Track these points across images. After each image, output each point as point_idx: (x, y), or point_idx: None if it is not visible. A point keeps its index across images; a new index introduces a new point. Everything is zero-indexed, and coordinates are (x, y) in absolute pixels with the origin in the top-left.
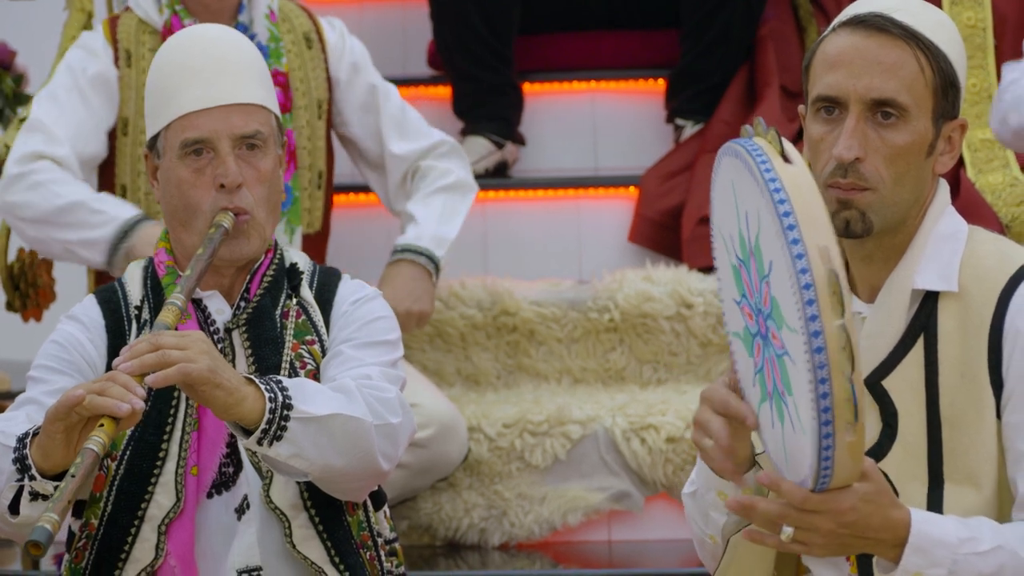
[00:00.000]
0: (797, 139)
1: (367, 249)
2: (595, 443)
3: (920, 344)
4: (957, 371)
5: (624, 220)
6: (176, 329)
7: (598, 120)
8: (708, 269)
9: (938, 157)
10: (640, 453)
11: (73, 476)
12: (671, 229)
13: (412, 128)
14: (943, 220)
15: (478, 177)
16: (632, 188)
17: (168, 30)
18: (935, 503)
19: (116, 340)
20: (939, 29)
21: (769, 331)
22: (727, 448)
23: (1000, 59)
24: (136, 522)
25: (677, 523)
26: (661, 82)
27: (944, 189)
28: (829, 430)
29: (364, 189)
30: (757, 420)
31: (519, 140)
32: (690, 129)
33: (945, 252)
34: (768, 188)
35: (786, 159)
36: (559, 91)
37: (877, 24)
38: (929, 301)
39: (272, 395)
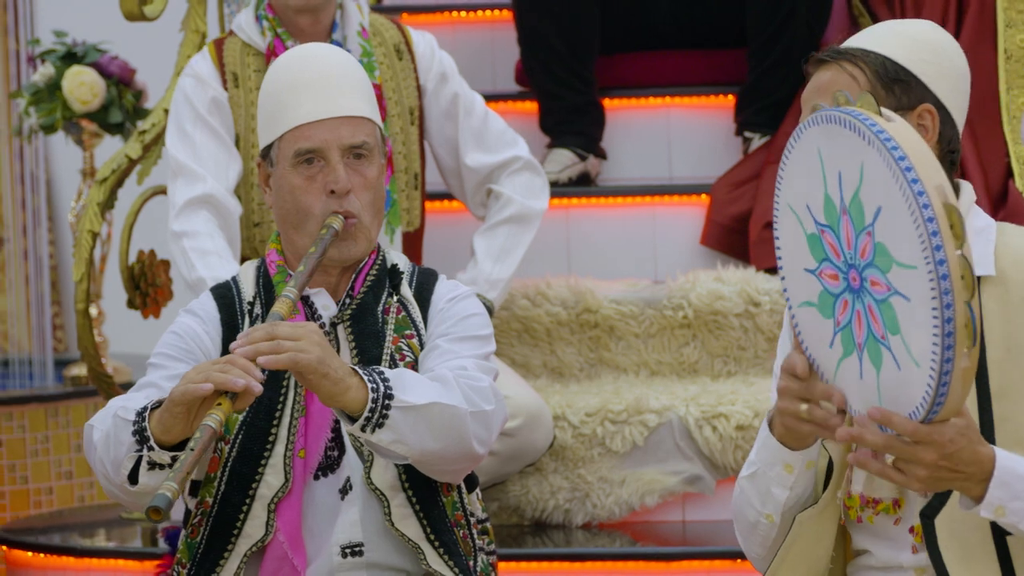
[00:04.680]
0: None
1: (457, 247)
2: (670, 430)
3: None
4: (1003, 346)
5: (696, 225)
6: (288, 321)
7: (672, 133)
8: (774, 270)
9: None
10: (712, 440)
11: (192, 450)
12: (740, 233)
13: (491, 140)
14: (972, 216)
15: (563, 185)
16: (704, 196)
17: (271, 52)
18: None
19: (230, 333)
20: (890, 36)
21: (867, 280)
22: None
23: None
24: (248, 501)
25: None
26: (730, 97)
27: (968, 189)
28: (950, 355)
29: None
30: (842, 396)
31: (601, 154)
32: (757, 141)
33: (980, 243)
34: (879, 138)
35: (886, 118)
36: (636, 106)
37: (816, 59)
38: None
39: (375, 385)
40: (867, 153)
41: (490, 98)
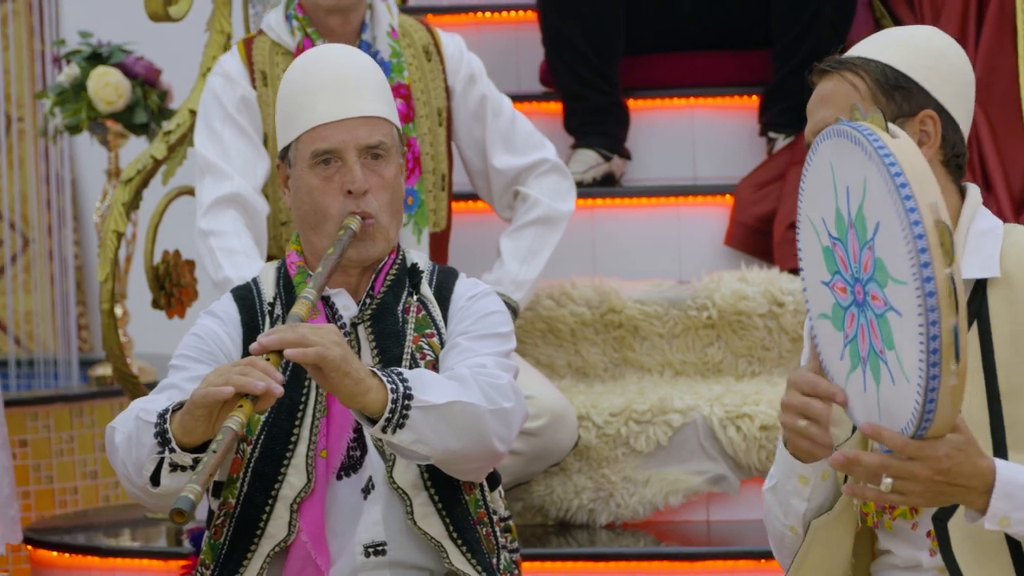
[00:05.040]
0: None
1: (483, 248)
2: (694, 430)
3: (975, 328)
4: (1011, 347)
5: (720, 225)
6: (307, 322)
7: (696, 133)
8: (798, 271)
9: None
10: (736, 440)
11: (214, 452)
12: (764, 234)
13: (518, 142)
14: (979, 219)
15: (587, 186)
16: (728, 196)
17: (301, 51)
18: None
19: (251, 334)
20: (890, 45)
21: (868, 294)
22: (826, 425)
23: None
24: (270, 501)
25: None
26: (754, 98)
27: (974, 191)
28: (936, 372)
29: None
30: (845, 397)
31: (625, 155)
32: (781, 142)
33: (985, 245)
34: (878, 153)
35: (891, 134)
36: (660, 107)
37: (818, 70)
38: (979, 290)
39: (394, 386)
40: (869, 168)
41: (515, 99)
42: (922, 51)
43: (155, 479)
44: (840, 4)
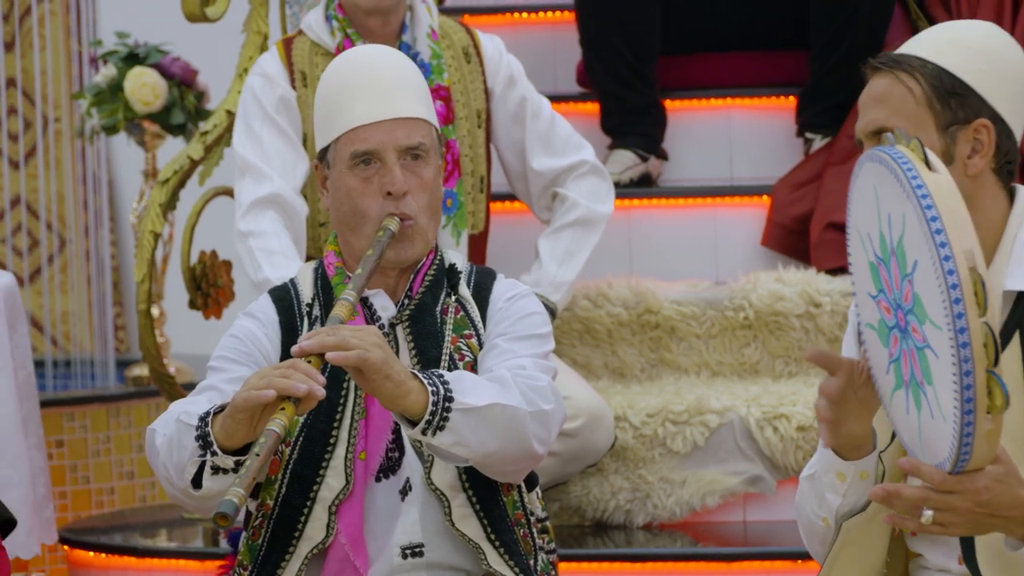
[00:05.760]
0: None
1: (520, 248)
2: (731, 431)
3: (1016, 341)
4: None
5: (757, 226)
6: (348, 324)
7: (733, 134)
8: (835, 271)
9: (966, 161)
10: (773, 440)
11: (257, 455)
12: (801, 234)
13: (557, 144)
14: None
15: (624, 186)
16: (765, 197)
17: (341, 52)
18: None
19: (289, 335)
20: (947, 47)
21: (909, 325)
22: (834, 398)
23: None
24: (309, 503)
25: None
26: (791, 99)
27: (1022, 194)
28: (971, 419)
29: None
30: (862, 370)
31: (662, 155)
32: (818, 142)
33: None
34: (915, 193)
35: (930, 167)
36: (697, 108)
37: (872, 65)
38: (1022, 300)
39: (435, 388)
40: (906, 205)
41: (552, 99)
42: (978, 54)
43: (196, 482)
44: (877, 5)
